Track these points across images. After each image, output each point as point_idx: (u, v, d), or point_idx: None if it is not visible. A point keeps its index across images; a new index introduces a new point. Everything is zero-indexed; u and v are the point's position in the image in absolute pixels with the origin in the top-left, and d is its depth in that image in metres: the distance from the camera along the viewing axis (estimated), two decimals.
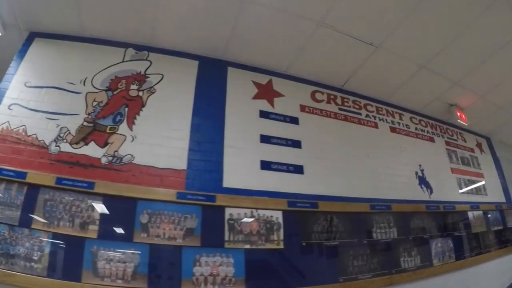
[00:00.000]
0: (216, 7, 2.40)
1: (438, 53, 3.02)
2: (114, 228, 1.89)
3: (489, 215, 4.00)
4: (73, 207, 1.88)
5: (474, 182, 4.07)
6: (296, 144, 2.76)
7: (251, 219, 2.24)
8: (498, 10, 2.54)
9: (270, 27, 2.62)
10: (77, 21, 2.47)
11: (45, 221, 1.82)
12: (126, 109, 2.31)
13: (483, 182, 4.21)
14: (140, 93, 2.41)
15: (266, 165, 2.53)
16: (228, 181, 2.30)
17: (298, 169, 2.64)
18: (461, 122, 3.89)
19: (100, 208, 1.91)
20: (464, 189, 3.87)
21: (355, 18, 2.57)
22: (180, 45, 2.75)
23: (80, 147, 2.07)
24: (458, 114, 3.88)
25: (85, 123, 2.17)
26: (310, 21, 2.58)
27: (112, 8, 2.39)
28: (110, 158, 2.09)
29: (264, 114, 2.78)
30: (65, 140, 2.07)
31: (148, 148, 2.18)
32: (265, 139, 2.65)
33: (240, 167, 2.42)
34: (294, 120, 2.88)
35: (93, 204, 1.91)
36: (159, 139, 2.25)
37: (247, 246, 2.13)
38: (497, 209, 4.13)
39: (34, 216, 1.82)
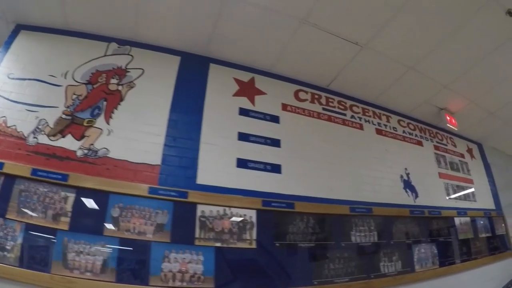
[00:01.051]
0: (198, 2, 2.36)
1: (426, 54, 2.96)
2: (86, 221, 1.88)
3: (477, 222, 3.92)
4: (47, 198, 1.87)
5: (462, 188, 4.00)
6: (275, 143, 2.71)
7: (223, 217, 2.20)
8: (489, 12, 2.48)
9: (252, 24, 2.58)
10: (62, 15, 2.45)
11: (19, 211, 1.81)
12: (105, 103, 2.30)
13: (472, 188, 4.14)
14: (120, 87, 2.39)
15: (242, 163, 2.48)
16: (202, 178, 2.26)
17: (275, 169, 2.59)
18: (451, 126, 3.83)
19: (73, 200, 1.90)
20: (452, 195, 3.80)
21: (339, 16, 2.51)
22: (162, 41, 2.72)
23: (57, 140, 2.06)
24: (448, 118, 3.82)
25: (64, 116, 2.16)
26: (293, 18, 2.53)
27: (96, 2, 2.37)
28: (86, 151, 2.08)
29: (243, 112, 2.73)
30: (43, 132, 2.06)
31: (123, 142, 2.16)
32: (243, 137, 2.60)
33: (216, 164, 2.37)
34: (274, 119, 2.83)
35: (66, 196, 1.90)
36: (135, 134, 2.22)
37: (218, 244, 2.09)
38: (485, 216, 4.06)
39: (9, 206, 1.81)
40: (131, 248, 1.88)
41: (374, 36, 2.72)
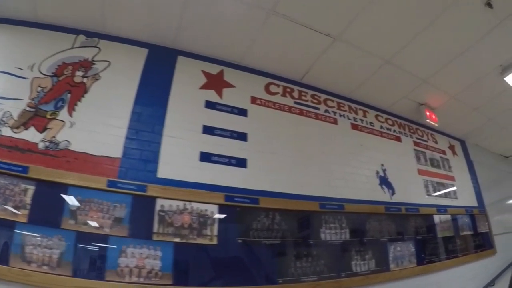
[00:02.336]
0: None
1: (402, 47, 2.88)
2: (44, 214, 1.82)
3: (459, 220, 3.84)
4: (7, 190, 1.82)
5: (443, 185, 3.92)
6: (242, 136, 2.61)
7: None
8: (466, 3, 2.41)
9: (218, 16, 2.48)
10: (32, 7, 2.37)
11: None
12: (69, 95, 2.25)
13: (453, 185, 4.06)
14: (85, 80, 2.34)
15: (205, 157, 2.39)
16: (163, 172, 2.18)
17: (241, 163, 2.50)
18: (431, 122, 3.75)
19: (32, 193, 1.85)
20: (432, 192, 3.72)
21: (308, 6, 2.42)
22: (130, 33, 2.63)
23: (20, 132, 2.01)
24: (428, 114, 3.74)
25: (28, 108, 2.12)
26: (260, 9, 2.43)
27: None
28: (47, 144, 2.04)
29: (210, 105, 2.63)
30: (6, 125, 2.02)
31: (85, 135, 2.10)
32: (207, 130, 2.51)
33: (178, 157, 2.29)
34: (242, 112, 2.73)
35: (26, 188, 1.85)
36: (97, 126, 2.16)
37: (177, 240, 2.01)
38: (467, 214, 3.98)
39: None
40: (88, 242, 1.82)
41: (346, 27, 2.63)
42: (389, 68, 3.12)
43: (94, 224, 1.87)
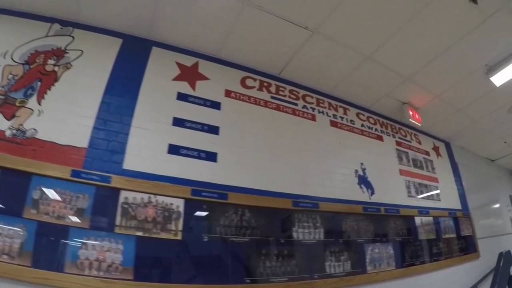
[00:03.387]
0: None
1: (384, 42, 2.80)
2: (6, 202, 1.73)
3: (441, 222, 3.76)
4: None
5: (425, 186, 3.84)
6: (213, 130, 2.51)
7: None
8: None
9: (194, 6, 2.39)
10: None
11: None
12: (39, 83, 2.18)
13: (436, 187, 3.98)
14: (56, 68, 2.28)
15: (174, 149, 2.29)
16: (129, 163, 2.09)
17: (211, 156, 2.40)
18: (414, 122, 3.67)
19: None
20: (413, 193, 3.63)
21: None
22: (104, 22, 2.54)
23: None
24: (411, 113, 3.67)
25: None
26: None
27: None
28: (14, 132, 1.96)
29: (182, 97, 2.53)
30: None
31: (52, 123, 2.02)
32: (178, 122, 2.41)
33: (145, 149, 2.19)
34: (215, 105, 2.63)
35: None
36: (65, 115, 2.08)
37: (140, 234, 1.92)
38: (450, 216, 3.90)
39: None
40: (49, 233, 1.74)
41: (324, 20, 2.55)
42: (370, 64, 3.05)
43: (55, 214, 1.80)
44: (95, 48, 2.42)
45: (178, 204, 2.10)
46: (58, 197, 1.84)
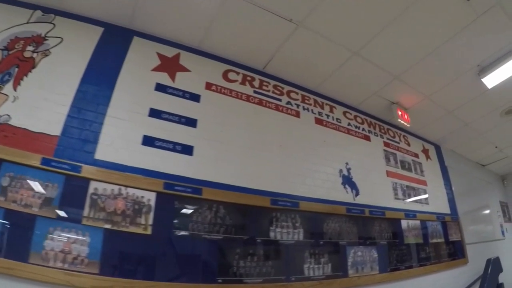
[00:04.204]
0: None
1: (372, 38, 2.71)
2: None
3: (429, 226, 3.67)
4: None
5: (413, 189, 3.75)
6: (191, 122, 2.41)
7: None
8: None
9: None
10: None
11: None
12: (16, 69, 2.12)
13: (425, 190, 3.89)
14: (34, 55, 2.23)
15: (149, 141, 2.19)
16: (102, 153, 2.01)
17: (187, 150, 2.30)
18: (403, 122, 3.59)
19: None
20: (400, 195, 3.54)
21: None
22: (87, 11, 2.46)
23: None
24: (400, 113, 3.58)
25: None
26: None
27: None
28: None
29: (160, 88, 2.44)
30: None
31: (27, 110, 1.95)
32: (154, 113, 2.31)
33: (119, 139, 2.11)
34: (194, 97, 2.53)
35: None
36: (40, 102, 2.01)
37: (108, 226, 1.84)
38: (438, 220, 3.81)
39: None
40: (16, 221, 1.67)
41: (309, 13, 2.46)
42: (358, 60, 2.96)
43: (23, 202, 1.73)
44: (76, 36, 2.34)
45: (150, 198, 2.01)
46: (27, 185, 1.77)
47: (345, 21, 2.52)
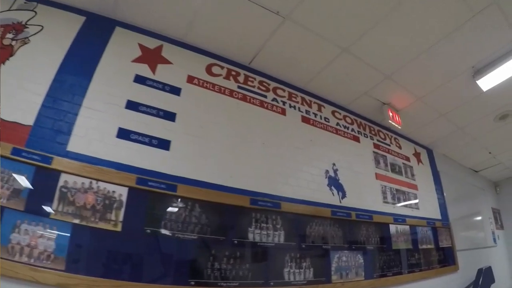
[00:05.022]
0: None
1: (362, 34, 2.62)
2: None
3: (418, 232, 3.56)
4: None
5: (403, 193, 3.64)
6: (170, 116, 2.31)
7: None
8: None
9: None
10: None
11: None
12: None
13: (415, 195, 3.79)
14: (13, 43, 2.15)
15: (124, 134, 2.09)
16: (74, 145, 1.91)
17: (163, 144, 2.19)
18: (393, 123, 3.49)
19: None
20: (389, 199, 3.43)
21: None
22: None
23: None
24: (391, 114, 3.48)
25: None
26: None
27: None
28: None
29: (139, 79, 2.34)
30: None
31: (1, 98, 1.84)
32: (132, 105, 2.21)
33: (93, 131, 2.01)
34: (175, 90, 2.43)
35: None
36: (14, 91, 1.91)
37: (76, 221, 1.74)
38: (429, 226, 3.71)
39: None
40: None
41: (297, 5, 2.37)
42: (348, 57, 2.86)
43: None
44: (56, 25, 2.25)
45: (121, 193, 1.91)
46: None
47: (335, 15, 2.43)
